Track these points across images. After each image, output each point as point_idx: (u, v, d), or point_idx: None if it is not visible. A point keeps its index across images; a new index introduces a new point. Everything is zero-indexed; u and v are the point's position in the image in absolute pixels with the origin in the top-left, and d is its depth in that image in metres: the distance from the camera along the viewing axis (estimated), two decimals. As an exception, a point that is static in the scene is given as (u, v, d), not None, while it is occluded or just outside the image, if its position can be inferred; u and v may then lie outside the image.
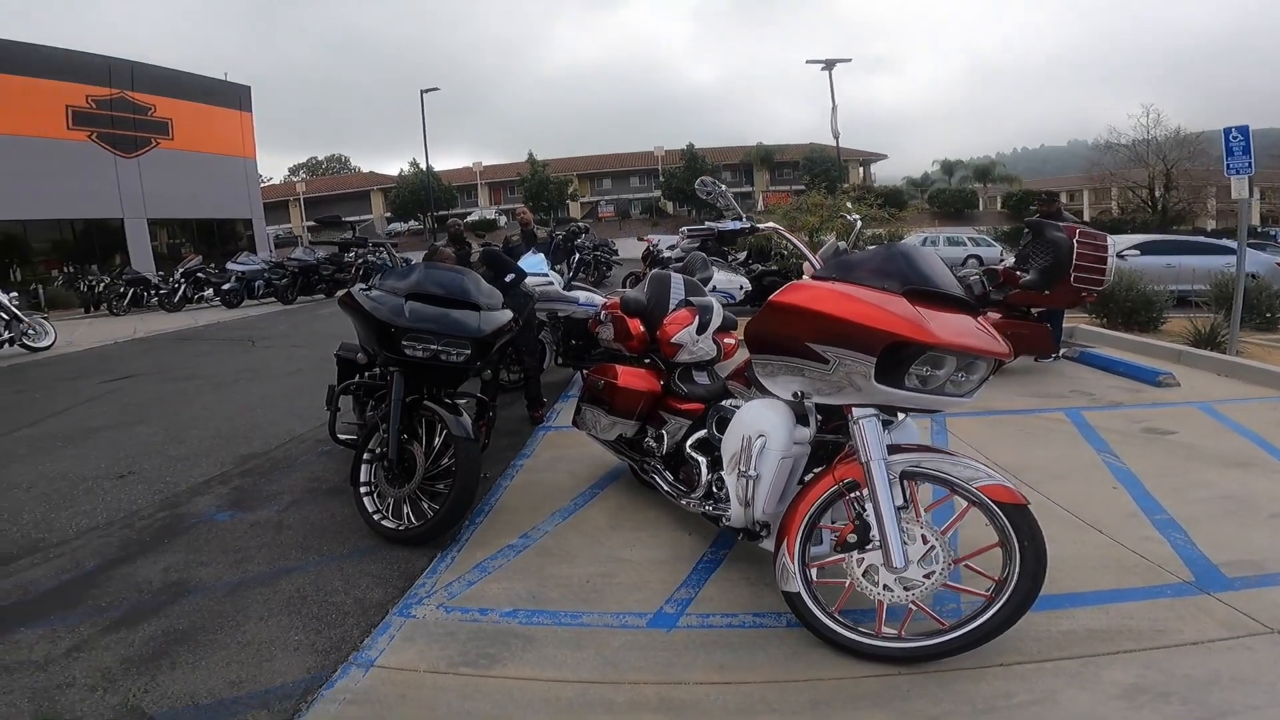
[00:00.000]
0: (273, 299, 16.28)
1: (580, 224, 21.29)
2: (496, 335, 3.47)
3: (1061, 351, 6.76)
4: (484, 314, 3.42)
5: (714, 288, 6.40)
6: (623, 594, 2.66)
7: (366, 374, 4.03)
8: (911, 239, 25.21)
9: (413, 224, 42.69)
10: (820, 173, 33.85)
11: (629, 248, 23.78)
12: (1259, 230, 35.36)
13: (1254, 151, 6.64)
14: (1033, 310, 6.18)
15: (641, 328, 3.47)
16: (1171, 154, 30.35)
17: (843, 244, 6.22)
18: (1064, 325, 8.42)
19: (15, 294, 11.65)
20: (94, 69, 21.54)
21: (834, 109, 20.26)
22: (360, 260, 16.11)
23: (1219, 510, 3.15)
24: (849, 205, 9.33)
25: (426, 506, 3.19)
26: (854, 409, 2.15)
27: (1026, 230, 6.47)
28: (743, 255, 11.18)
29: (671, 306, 3.56)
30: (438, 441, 3.26)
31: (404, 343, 3.19)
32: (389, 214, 46.82)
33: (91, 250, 22.00)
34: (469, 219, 44.49)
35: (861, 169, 52.54)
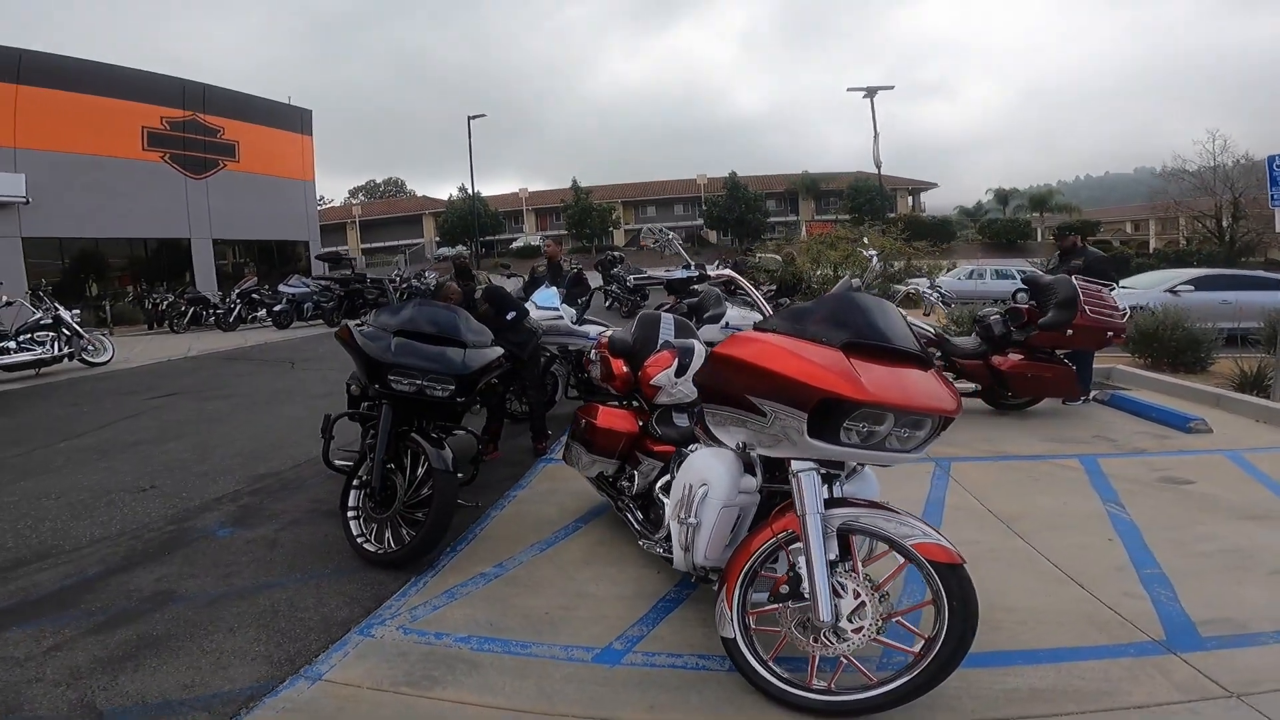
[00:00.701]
0: (320, 320, 16.92)
1: (616, 253, 21.58)
2: (482, 372, 3.62)
3: (1092, 394, 6.50)
4: (470, 351, 3.58)
5: (726, 324, 6.40)
6: (578, 627, 2.71)
7: (365, 404, 4.19)
8: (954, 272, 24.65)
9: (461, 249, 43.92)
10: (865, 202, 33.42)
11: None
12: (1329, 264, 33.30)
13: None
14: (1058, 352, 5.97)
15: (625, 368, 3.54)
16: (1240, 182, 28.81)
17: (857, 280, 6.21)
18: (1100, 366, 8.14)
19: (78, 310, 12.39)
20: (169, 91, 22.70)
21: (875, 137, 20.09)
22: (404, 285, 16.64)
23: (1217, 565, 2.99)
24: (865, 240, 9.21)
25: (405, 533, 3.32)
26: (793, 462, 2.15)
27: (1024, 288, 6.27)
28: (773, 288, 11.15)
29: (658, 347, 3.60)
30: (420, 472, 3.39)
31: (390, 377, 3.36)
32: (438, 239, 48.25)
33: (161, 268, 23.28)
34: (514, 245, 45.54)
35: (910, 198, 51.79)
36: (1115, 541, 3.28)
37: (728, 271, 2.68)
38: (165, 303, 18.36)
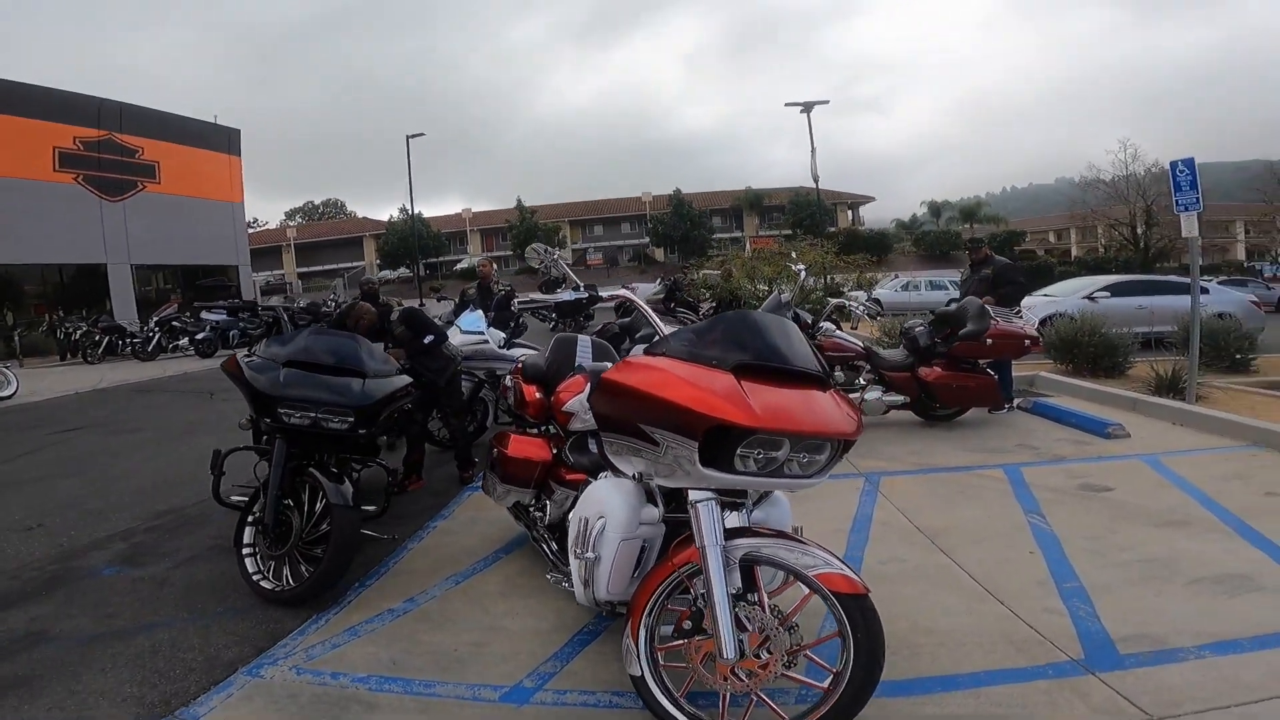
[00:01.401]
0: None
1: (557, 275, 21.43)
2: (386, 402, 3.48)
3: (1016, 402, 6.66)
4: (371, 381, 3.44)
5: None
6: (488, 664, 2.59)
7: (265, 438, 3.94)
8: (890, 284, 25.35)
9: (403, 271, 42.98)
10: (805, 217, 34.17)
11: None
12: (1244, 265, 35.65)
13: (1232, 185, 6.68)
14: (980, 362, 6.09)
15: (538, 394, 3.40)
16: (1151, 189, 30.47)
17: (786, 295, 6.22)
18: (1024, 373, 8.39)
19: None
20: (83, 110, 21.55)
21: (813, 152, 20.57)
22: (336, 306, 16.06)
23: (1136, 576, 3.00)
24: (794, 254, 9.33)
25: (304, 569, 3.17)
26: (691, 492, 2.04)
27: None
28: (713, 305, 11.17)
29: (572, 372, 3.47)
30: (318, 507, 3.24)
31: (281, 410, 3.21)
32: (379, 261, 47.13)
33: (78, 296, 21.97)
34: (459, 266, 44.81)
35: (850, 212, 53.36)
36: (1037, 554, 3.28)
37: (623, 293, 2.56)
38: (79, 332, 17.28)
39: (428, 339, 4.97)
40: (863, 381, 6.17)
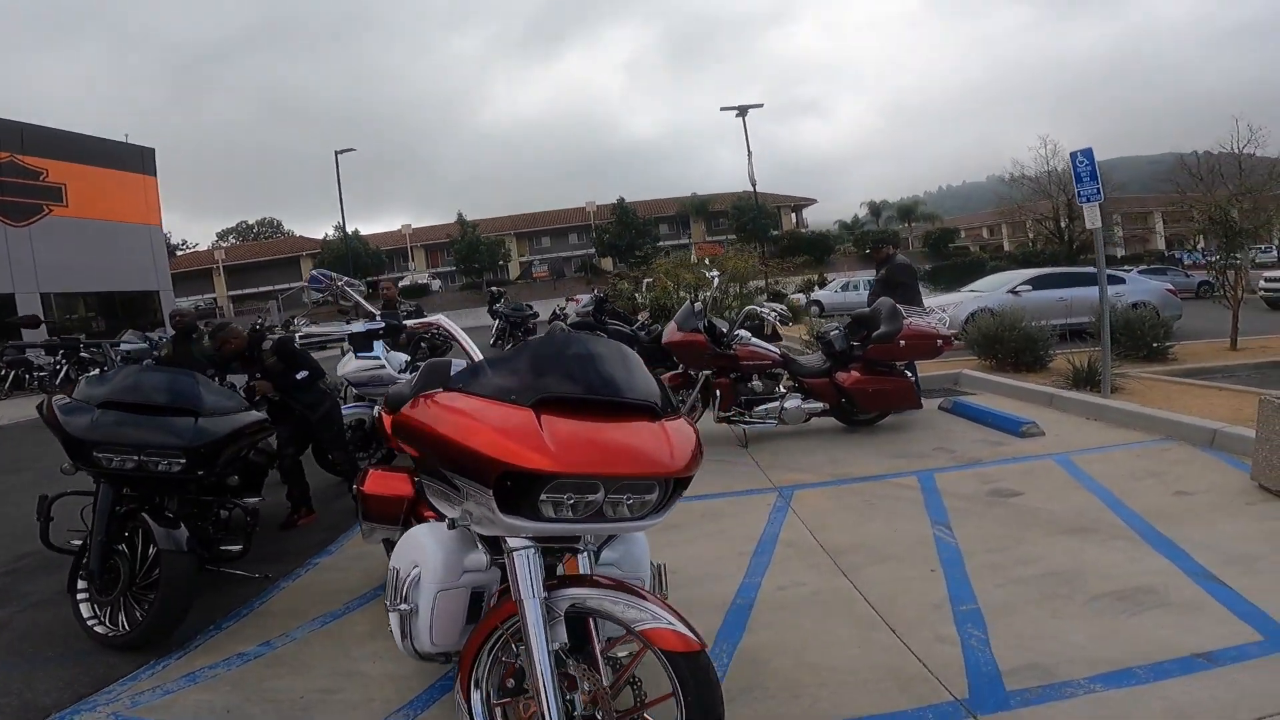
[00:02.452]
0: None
1: (495, 289, 20.95)
2: (225, 442, 3.26)
3: (938, 403, 6.61)
4: (206, 420, 3.20)
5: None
6: (335, 713, 2.40)
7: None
8: (832, 285, 25.69)
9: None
10: (748, 221, 34.49)
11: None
12: (1164, 255, 37.40)
13: (1147, 178, 6.79)
14: (897, 363, 6.02)
15: None
16: (1071, 184, 31.75)
17: (699, 304, 6.02)
18: (948, 371, 8.45)
19: None
20: None
21: (749, 155, 20.65)
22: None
23: (1035, 594, 2.87)
24: (707, 261, 9.20)
25: (139, 614, 3.02)
26: (509, 539, 1.79)
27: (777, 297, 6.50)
28: (642, 317, 10.97)
29: None
30: (152, 551, 3.06)
31: (97, 454, 3.00)
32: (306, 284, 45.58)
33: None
34: (401, 283, 43.64)
35: (793, 214, 54.19)
36: (938, 572, 3.13)
37: (434, 319, 2.27)
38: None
39: (300, 374, 4.67)
40: (782, 389, 6.03)
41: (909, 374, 6.04)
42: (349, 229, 44.13)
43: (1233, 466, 4.33)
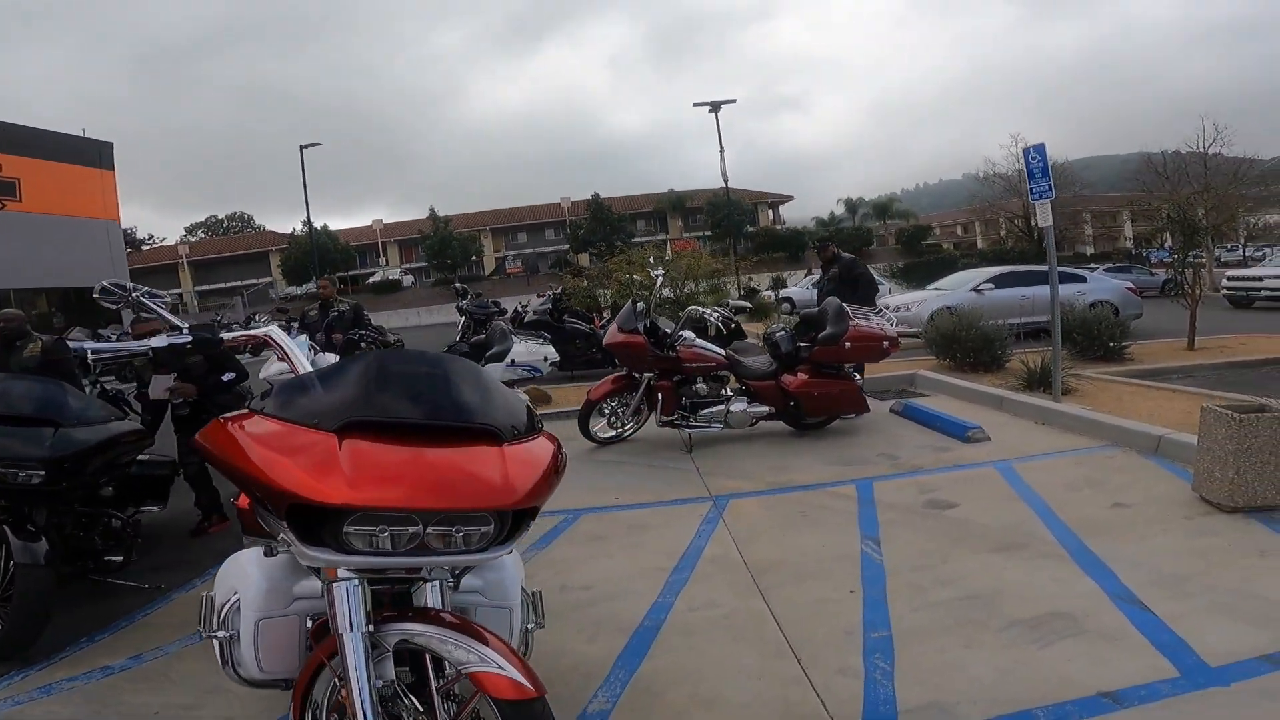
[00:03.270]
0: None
1: (460, 285, 20.55)
2: (91, 453, 3.18)
3: (889, 405, 6.49)
4: (68, 430, 3.11)
5: (512, 362, 5.86)
6: None
7: None
8: (805, 281, 25.64)
9: (309, 287, 40.87)
10: (724, 218, 34.40)
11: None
12: (1132, 253, 37.96)
13: (1117, 177, 6.72)
14: (850, 363, 5.88)
15: None
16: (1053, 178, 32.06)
17: (641, 304, 5.82)
18: (903, 372, 8.37)
19: None
20: None
21: (721, 151, 20.53)
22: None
23: (950, 620, 2.72)
24: (651, 259, 9.03)
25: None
26: (333, 570, 1.61)
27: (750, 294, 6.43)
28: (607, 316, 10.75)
29: None
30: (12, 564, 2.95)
31: None
32: (274, 279, 44.74)
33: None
34: (372, 279, 43.00)
35: (770, 211, 54.25)
36: (857, 593, 2.98)
37: (262, 331, 2.05)
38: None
39: (227, 376, 4.52)
40: (728, 392, 5.87)
41: (856, 376, 5.91)
42: (319, 224, 43.43)
43: (1175, 475, 4.25)
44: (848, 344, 5.55)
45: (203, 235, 62.97)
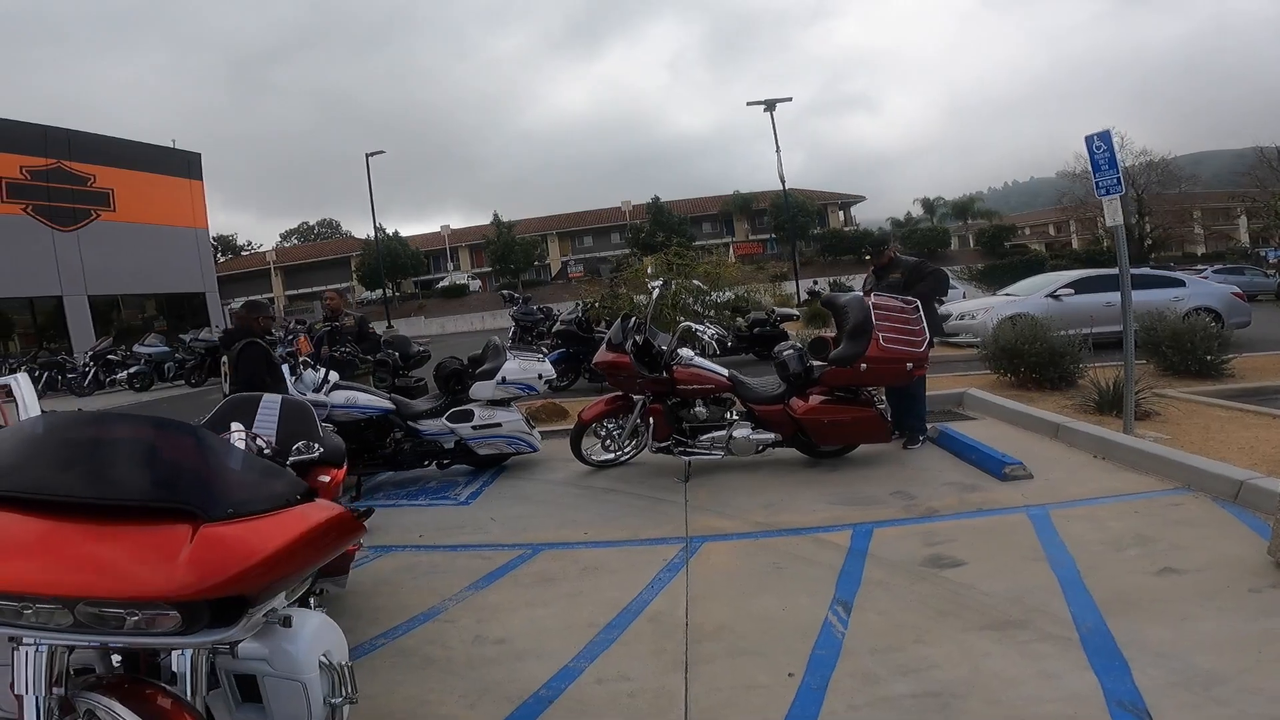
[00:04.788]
0: (182, 381, 15.62)
1: (508, 292, 20.66)
2: None
3: (926, 431, 5.74)
4: None
5: (503, 379, 5.56)
6: None
7: None
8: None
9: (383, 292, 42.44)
10: (788, 220, 33.32)
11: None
12: (1248, 252, 34.31)
13: (1232, 173, 5.82)
14: (868, 390, 5.23)
15: None
16: (1141, 178, 29.40)
17: (634, 319, 5.38)
18: (951, 390, 7.52)
19: None
20: (28, 138, 20.99)
21: (778, 151, 19.76)
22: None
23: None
24: (650, 271, 8.49)
25: None
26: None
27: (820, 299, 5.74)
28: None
29: None
30: None
31: None
32: (354, 284, 46.68)
33: (32, 330, 21.50)
34: (440, 284, 44.23)
35: (841, 212, 52.39)
36: (795, 678, 2.47)
37: (4, 381, 1.81)
38: (21, 367, 16.78)
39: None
40: (733, 416, 5.35)
41: (879, 402, 5.25)
42: (390, 230, 45.11)
43: (1253, 532, 3.48)
44: (864, 366, 4.91)
45: (295, 241, 66.84)
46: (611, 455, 5.58)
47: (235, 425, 2.33)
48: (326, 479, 3.04)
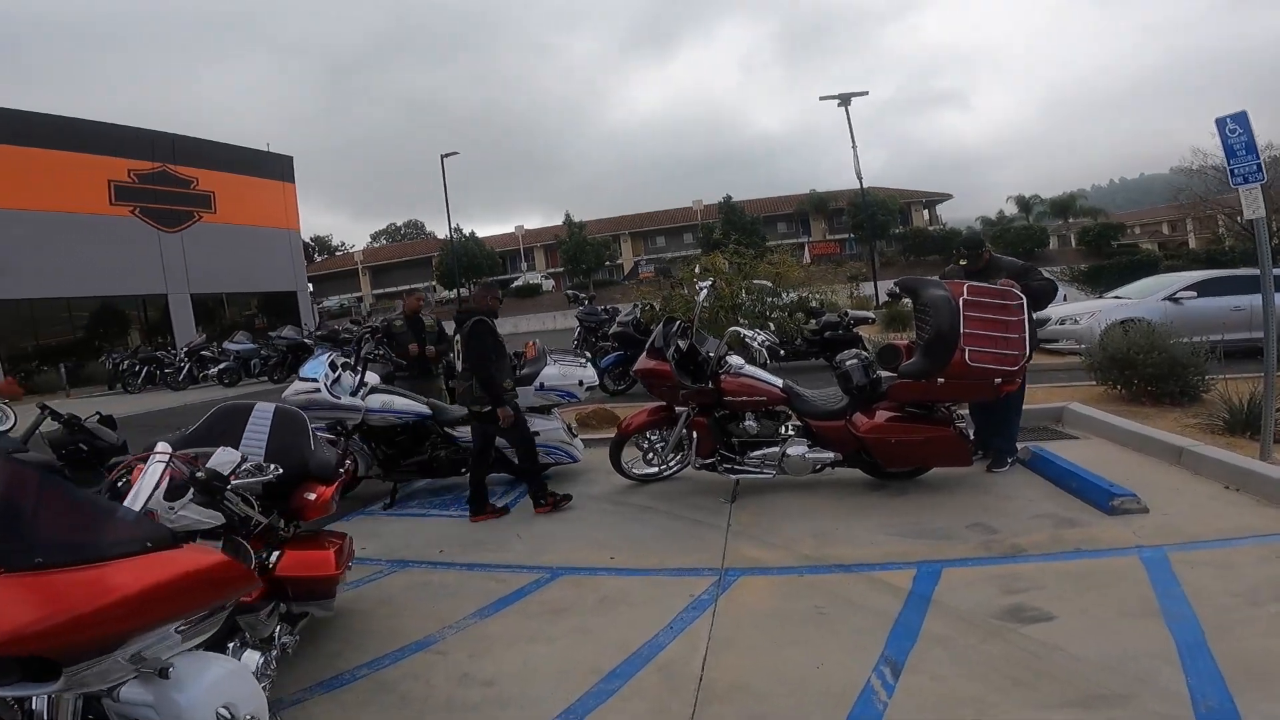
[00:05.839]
0: (265, 378, 16.29)
1: (572, 292, 20.50)
2: None
3: (1016, 452, 4.99)
4: None
5: (540, 385, 5.25)
6: None
7: None
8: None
9: (462, 292, 43.63)
10: (867, 219, 31.84)
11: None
12: None
13: None
14: (942, 405, 4.55)
15: None
16: (1269, 172, 26.27)
17: (679, 323, 4.91)
18: (1050, 405, 6.65)
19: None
20: (135, 143, 22.41)
21: (854, 147, 18.78)
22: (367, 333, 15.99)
23: None
24: (696, 271, 7.88)
25: None
26: None
27: (897, 290, 4.97)
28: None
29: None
30: None
31: None
32: (434, 284, 48.14)
33: (145, 326, 23.07)
34: (515, 284, 44.98)
35: (925, 211, 49.88)
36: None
37: None
38: (125, 363, 18.00)
39: None
40: (789, 430, 4.79)
41: (959, 420, 4.56)
42: (468, 231, 46.29)
43: None
44: (941, 380, 4.25)
45: (384, 241, 69.89)
46: (654, 469, 5.16)
47: (161, 446, 2.08)
48: (312, 496, 2.81)
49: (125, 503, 1.76)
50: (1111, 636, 2.58)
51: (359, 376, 5.23)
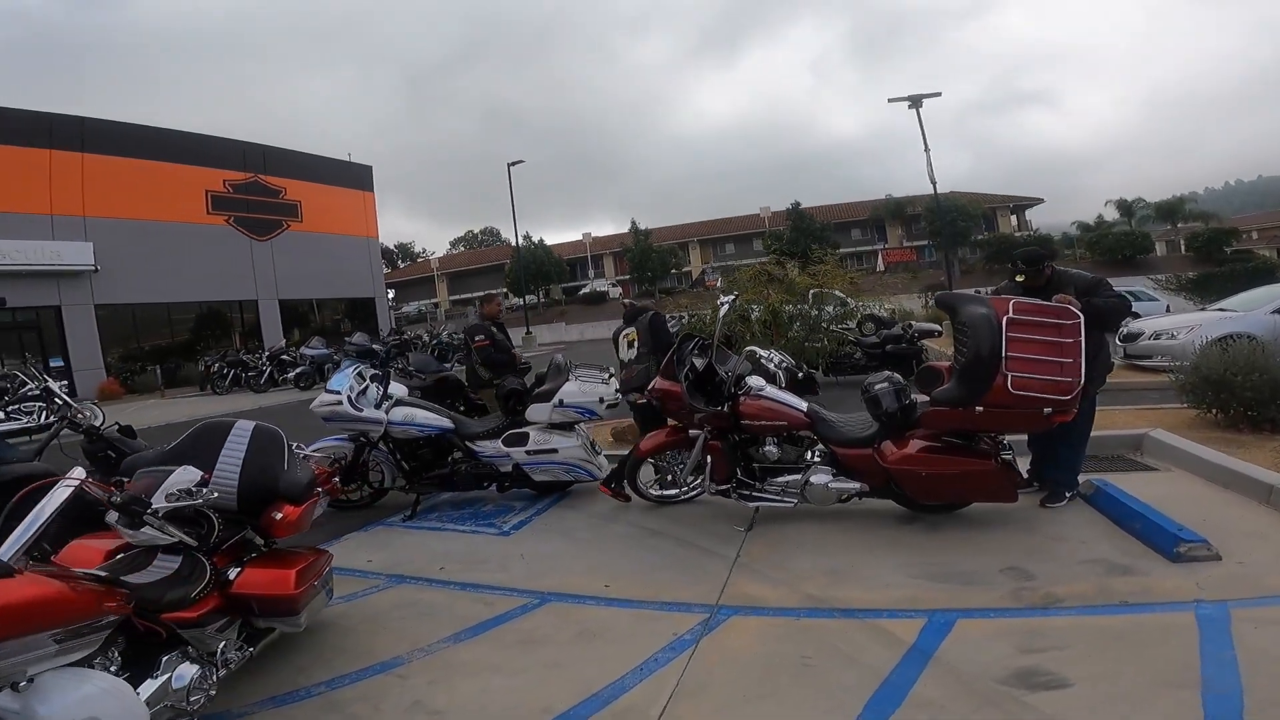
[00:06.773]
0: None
1: (629, 300, 20.34)
2: None
3: (1077, 485, 4.47)
4: None
5: (560, 402, 5.15)
6: None
7: None
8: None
9: (532, 298, 44.49)
10: (945, 224, 30.27)
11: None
12: None
13: None
14: (986, 433, 4.08)
15: None
16: None
17: (696, 340, 4.70)
18: (1131, 431, 5.97)
19: (66, 381, 13.42)
20: (229, 153, 23.81)
21: (926, 150, 17.92)
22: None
23: None
24: (718, 285, 7.49)
25: None
26: None
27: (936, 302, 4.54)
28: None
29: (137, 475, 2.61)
30: None
31: None
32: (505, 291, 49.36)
33: (229, 331, 24.60)
34: (582, 291, 45.55)
35: (1013, 216, 47.18)
36: None
37: None
38: (215, 365, 19.20)
39: None
40: (814, 457, 4.44)
41: (1003, 451, 4.06)
42: (537, 238, 47.23)
43: None
44: (980, 409, 3.81)
45: (462, 248, 72.30)
46: (670, 491, 4.96)
47: (75, 471, 2.11)
48: (279, 515, 2.81)
49: (15, 533, 1.80)
50: (1129, 711, 2.21)
51: (383, 389, 5.29)
